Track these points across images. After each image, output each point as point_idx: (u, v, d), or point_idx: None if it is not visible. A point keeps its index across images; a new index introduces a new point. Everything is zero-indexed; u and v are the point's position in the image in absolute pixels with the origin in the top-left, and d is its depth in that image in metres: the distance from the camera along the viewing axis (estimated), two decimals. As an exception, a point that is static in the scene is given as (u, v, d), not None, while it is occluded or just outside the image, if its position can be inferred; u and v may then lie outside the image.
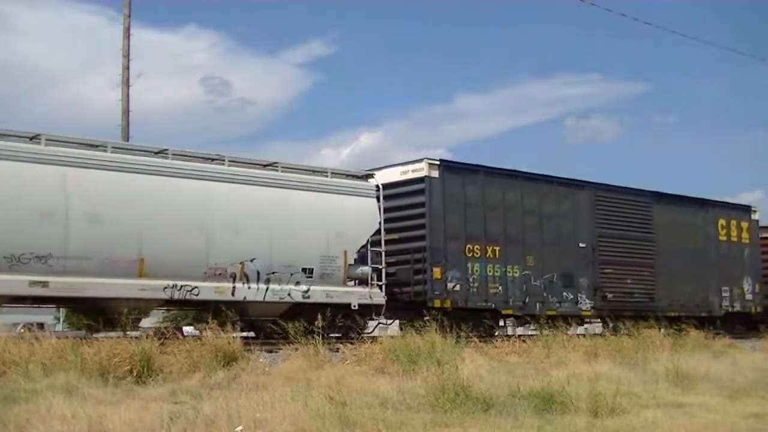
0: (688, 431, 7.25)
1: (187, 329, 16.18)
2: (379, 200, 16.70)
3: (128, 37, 21.06)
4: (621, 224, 21.62)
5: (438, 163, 18.01)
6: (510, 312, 18.82)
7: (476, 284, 18.12)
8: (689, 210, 23.99)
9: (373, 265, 16.45)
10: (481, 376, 9.37)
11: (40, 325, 15.37)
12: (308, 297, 15.24)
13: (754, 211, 26.45)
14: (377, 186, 16.92)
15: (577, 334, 16.54)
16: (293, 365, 10.97)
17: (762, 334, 21.15)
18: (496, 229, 18.77)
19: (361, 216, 16.33)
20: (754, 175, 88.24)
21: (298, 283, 15.19)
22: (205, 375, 10.14)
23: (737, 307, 24.68)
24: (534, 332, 18.15)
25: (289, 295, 15.03)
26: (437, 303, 17.20)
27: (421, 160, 18.00)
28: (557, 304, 19.66)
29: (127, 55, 20.97)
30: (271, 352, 12.69)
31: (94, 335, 13.05)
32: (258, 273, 14.78)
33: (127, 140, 19.44)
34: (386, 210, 17.17)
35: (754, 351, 17.58)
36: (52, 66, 74.21)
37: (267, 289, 14.82)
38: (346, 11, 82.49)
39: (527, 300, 19.03)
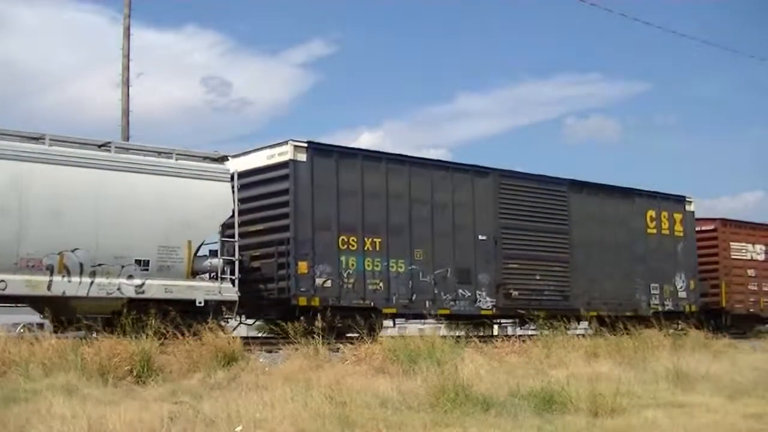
0: (687, 431, 7.25)
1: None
2: (233, 185, 14.91)
3: (128, 37, 21.07)
4: (530, 215, 19.57)
5: (306, 145, 16.06)
6: (393, 311, 17.00)
7: (352, 280, 16.20)
8: (612, 200, 21.74)
9: (226, 257, 14.67)
10: (480, 376, 9.36)
11: (40, 325, 15.30)
12: (143, 292, 13.47)
13: (689, 202, 23.97)
14: (231, 170, 15.09)
15: (577, 334, 16.53)
16: (293, 365, 10.97)
17: (763, 335, 21.19)
18: (377, 219, 16.84)
19: (210, 203, 14.49)
20: (754, 175, 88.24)
21: (130, 277, 13.39)
22: (205, 375, 10.15)
23: (668, 306, 22.31)
24: (534, 332, 18.06)
25: (119, 289, 13.27)
26: (303, 301, 15.48)
27: (286, 142, 16.06)
28: (451, 303, 17.78)
29: (127, 55, 20.98)
30: (271, 352, 12.69)
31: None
32: (81, 265, 13.02)
33: (128, 140, 19.41)
34: (251, 198, 15.76)
35: (754, 351, 17.57)
36: (53, 66, 74.26)
37: (92, 283, 13.07)
38: (346, 11, 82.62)
39: (414, 297, 17.14)
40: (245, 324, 17.32)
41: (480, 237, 18.52)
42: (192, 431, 6.44)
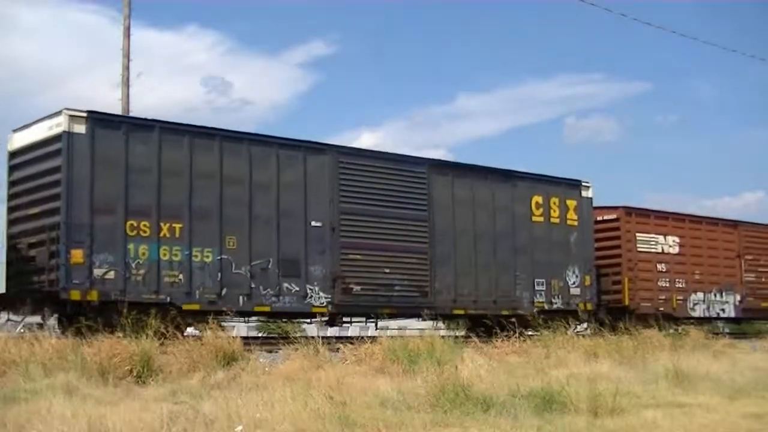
0: (687, 431, 7.25)
1: (187, 329, 16.13)
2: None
3: (128, 37, 21.09)
4: (378, 199, 17.07)
5: (85, 115, 13.89)
6: (196, 307, 14.58)
7: (142, 271, 14.06)
8: (487, 184, 19.08)
9: None
10: (480, 376, 9.37)
11: (40, 325, 15.30)
12: None
13: (586, 187, 21.10)
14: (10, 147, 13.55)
15: (577, 334, 16.53)
16: (293, 365, 10.97)
17: (763, 335, 21.15)
18: (178, 201, 14.63)
19: None
20: (754, 176, 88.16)
21: None
22: (205, 375, 10.14)
23: (557, 304, 19.78)
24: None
25: None
26: (76, 295, 13.44)
27: (60, 113, 13.89)
28: (273, 298, 15.47)
29: (127, 55, 21.00)
30: (271, 352, 12.69)
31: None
32: None
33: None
34: (28, 178, 14.31)
35: (754, 351, 17.58)
36: (53, 65, 74.23)
37: None
38: (347, 11, 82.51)
39: (224, 292, 14.86)
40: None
41: (313, 223, 16.15)
42: (192, 431, 6.44)
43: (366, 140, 73.85)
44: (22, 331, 13.13)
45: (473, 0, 76.30)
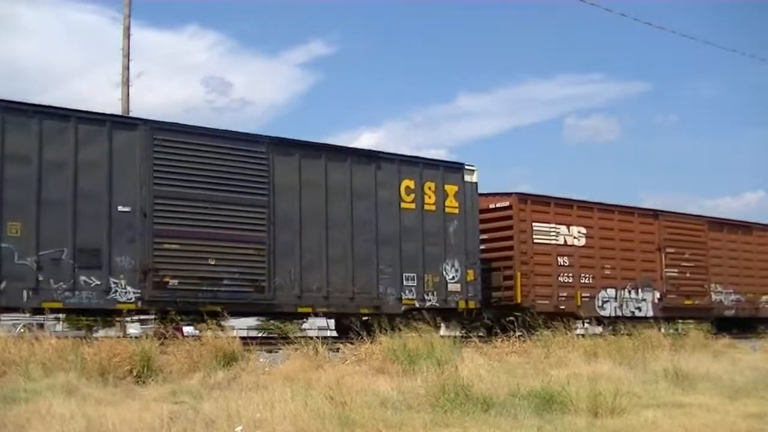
0: (688, 431, 7.25)
1: (187, 329, 16.14)
2: None
3: (128, 37, 21.15)
4: (204, 181, 14.96)
5: None
6: None
7: None
8: (344, 166, 16.83)
9: None
10: (480, 376, 9.36)
11: (40, 325, 15.31)
12: None
13: (470, 171, 18.70)
14: None
15: (577, 334, 16.51)
16: (293, 365, 10.98)
17: (762, 335, 21.11)
18: None
19: None
20: (755, 176, 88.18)
21: None
22: (205, 375, 10.16)
23: (432, 302, 17.50)
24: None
25: None
26: None
27: None
28: (67, 293, 13.49)
29: (127, 55, 21.04)
30: (271, 352, 12.69)
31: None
32: None
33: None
34: None
35: (753, 351, 17.58)
36: (53, 65, 74.22)
37: None
38: (347, 11, 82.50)
39: (3, 286, 13.04)
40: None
41: (120, 208, 14.15)
42: (192, 431, 6.44)
43: (366, 140, 73.86)
44: (22, 331, 13.14)
45: (473, 0, 76.37)
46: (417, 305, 17.23)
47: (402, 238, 17.41)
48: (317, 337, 11.99)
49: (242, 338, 12.81)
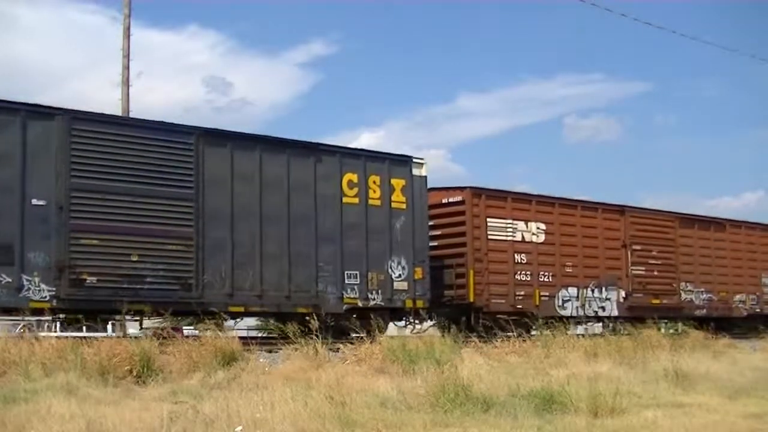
0: (688, 431, 7.26)
1: (187, 329, 16.14)
2: None
3: (128, 37, 21.15)
4: (124, 174, 14.25)
5: None
6: None
7: None
8: (281, 158, 16.09)
9: None
10: (480, 376, 9.37)
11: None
12: None
13: (419, 165, 17.93)
14: None
15: (577, 334, 16.51)
16: (293, 365, 10.98)
17: (762, 334, 21.10)
18: None
19: None
20: (755, 176, 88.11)
21: None
22: (205, 375, 10.16)
23: (376, 301, 16.80)
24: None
25: None
26: None
27: None
28: None
29: (127, 55, 21.04)
30: (271, 352, 12.69)
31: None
32: None
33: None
34: None
35: (753, 351, 17.58)
36: (53, 65, 74.22)
37: None
38: (347, 11, 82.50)
39: None
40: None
41: (34, 201, 13.46)
42: (192, 431, 6.44)
43: (366, 140, 73.80)
44: (22, 331, 13.14)
45: (473, 0, 76.36)
46: (360, 304, 16.59)
47: (344, 234, 16.68)
48: (317, 337, 11.99)
49: (242, 338, 12.81)
